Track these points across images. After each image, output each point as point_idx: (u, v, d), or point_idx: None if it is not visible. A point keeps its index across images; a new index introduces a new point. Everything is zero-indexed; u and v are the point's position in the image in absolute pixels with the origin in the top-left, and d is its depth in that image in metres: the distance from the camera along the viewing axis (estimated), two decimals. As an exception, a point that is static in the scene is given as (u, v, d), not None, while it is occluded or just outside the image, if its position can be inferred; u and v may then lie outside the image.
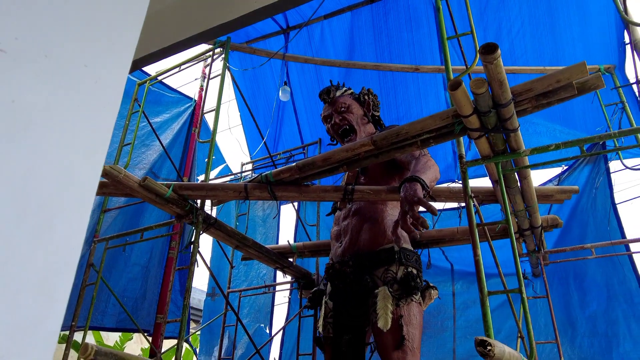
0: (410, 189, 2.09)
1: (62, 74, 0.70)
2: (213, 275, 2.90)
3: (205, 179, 2.94)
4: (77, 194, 0.68)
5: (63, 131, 0.68)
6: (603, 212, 3.64)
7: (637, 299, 3.54)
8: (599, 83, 1.68)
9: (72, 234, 0.65)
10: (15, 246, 0.58)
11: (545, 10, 3.73)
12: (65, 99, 0.69)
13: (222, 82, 3.24)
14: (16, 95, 0.63)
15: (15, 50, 0.64)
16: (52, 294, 0.61)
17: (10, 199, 0.58)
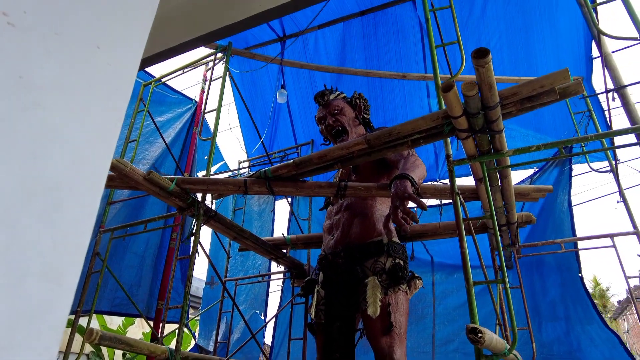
0: (400, 186, 2.07)
1: (74, 53, 0.62)
2: (212, 264, 2.82)
3: (206, 174, 2.85)
4: (88, 176, 0.60)
5: (73, 111, 0.60)
6: (560, 211, 3.70)
7: (578, 284, 3.66)
8: (579, 89, 1.65)
9: (82, 218, 0.57)
10: (22, 229, 0.50)
11: (521, 26, 3.72)
12: (76, 79, 0.61)
13: (224, 84, 3.15)
14: (24, 71, 0.55)
15: (25, 25, 0.56)
16: (61, 279, 0.53)
17: (18, 179, 0.51)
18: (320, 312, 2.46)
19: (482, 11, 3.77)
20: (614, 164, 3.14)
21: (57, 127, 0.57)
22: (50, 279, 0.52)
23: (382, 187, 2.39)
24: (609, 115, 3.01)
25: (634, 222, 3.01)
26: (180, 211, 2.63)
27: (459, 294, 4.23)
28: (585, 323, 3.56)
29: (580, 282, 3.57)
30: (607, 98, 2.68)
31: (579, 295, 3.59)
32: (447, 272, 4.37)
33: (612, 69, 2.72)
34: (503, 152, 1.93)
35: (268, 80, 4.88)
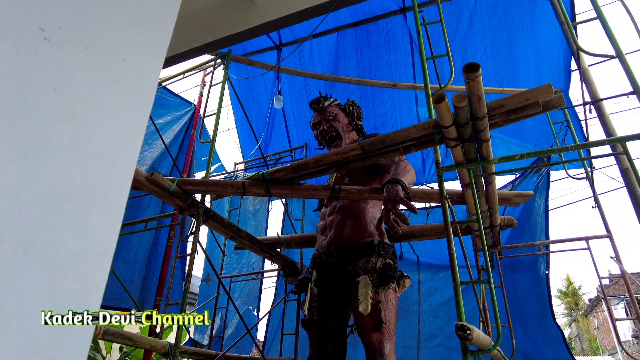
0: (392, 190, 2.10)
1: (102, 66, 0.63)
2: (210, 262, 2.81)
3: (205, 175, 2.85)
4: (115, 182, 0.61)
5: (102, 121, 0.61)
6: (537, 215, 3.78)
7: (541, 280, 3.74)
8: (561, 102, 1.69)
9: (109, 222, 0.59)
10: (58, 233, 0.51)
11: (505, 40, 3.79)
12: (104, 91, 0.63)
13: (222, 90, 3.15)
14: (59, 84, 0.56)
15: (59, 40, 0.57)
16: (92, 280, 0.55)
17: (53, 186, 0.52)
18: (314, 309, 2.47)
19: (469, 24, 3.83)
20: (589, 171, 3.22)
21: (88, 137, 0.58)
22: (83, 280, 0.54)
23: (374, 191, 2.41)
24: (586, 126, 3.09)
25: (607, 227, 3.08)
26: (180, 211, 2.62)
27: (443, 291, 4.28)
28: (541, 317, 3.68)
29: (545, 280, 3.67)
30: (584, 110, 2.75)
31: (542, 291, 3.69)
32: (432, 271, 4.42)
33: (589, 82, 2.79)
34: (489, 160, 1.96)
35: (264, 85, 4.88)
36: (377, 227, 2.43)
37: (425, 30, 2.56)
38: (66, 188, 0.56)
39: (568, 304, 31.43)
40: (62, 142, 0.56)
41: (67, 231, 0.55)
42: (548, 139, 3.81)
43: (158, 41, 0.77)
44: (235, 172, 5.20)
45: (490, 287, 1.75)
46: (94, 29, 0.66)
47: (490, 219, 2.82)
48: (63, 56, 0.60)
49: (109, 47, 0.68)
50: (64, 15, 0.61)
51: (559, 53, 3.68)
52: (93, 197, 0.58)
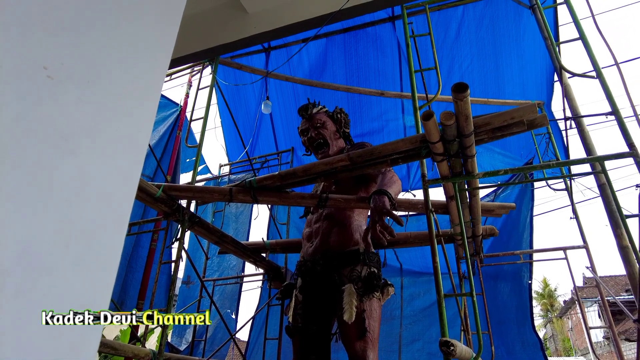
0: (379, 201, 2.12)
1: (102, 100, 0.64)
2: (194, 265, 2.79)
3: (192, 180, 2.83)
4: (114, 218, 0.61)
5: (101, 157, 0.61)
6: (523, 226, 3.86)
7: (523, 289, 3.84)
8: (544, 122, 1.75)
9: (109, 259, 0.59)
10: (61, 273, 0.51)
11: (491, 51, 3.87)
12: (103, 126, 0.63)
13: (210, 95, 3.13)
14: (61, 121, 0.56)
15: (62, 76, 0.58)
16: (89, 326, 0.55)
17: (56, 225, 0.52)
18: (298, 316, 2.47)
19: (456, 36, 3.89)
20: (569, 185, 3.32)
21: (88, 174, 0.58)
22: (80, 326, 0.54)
23: (361, 200, 2.44)
24: (567, 141, 3.19)
25: (584, 237, 3.18)
26: (165, 216, 2.60)
27: (425, 297, 4.34)
28: (520, 325, 3.77)
29: (527, 289, 3.76)
30: (566, 125, 2.84)
31: (523, 300, 3.78)
32: (415, 277, 4.48)
33: (570, 98, 2.88)
34: (474, 175, 2.01)
35: (251, 88, 4.87)
36: (364, 239, 2.46)
37: (414, 43, 2.60)
38: (68, 227, 0.56)
39: (544, 306, 32.17)
40: (64, 181, 0.57)
41: (69, 271, 0.55)
42: (530, 149, 3.91)
43: (156, 76, 0.78)
44: (220, 175, 5.17)
45: (472, 300, 1.80)
46: (95, 62, 0.66)
47: (473, 229, 2.88)
48: (65, 93, 0.60)
49: (110, 81, 0.69)
50: (67, 51, 0.61)
51: (542, 65, 3.78)
52: (94, 235, 0.59)
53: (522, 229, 3.84)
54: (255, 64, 4.54)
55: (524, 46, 3.78)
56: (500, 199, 4.04)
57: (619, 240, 2.49)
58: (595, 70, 1.97)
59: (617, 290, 21.35)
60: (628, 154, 1.76)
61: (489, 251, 3.89)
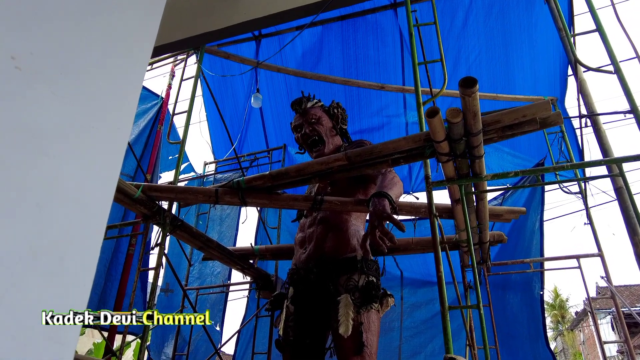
0: (379, 204, 2.10)
1: (77, 94, 0.62)
2: (175, 273, 2.78)
3: (174, 180, 2.81)
4: (88, 228, 0.60)
5: (76, 158, 0.60)
6: (532, 232, 3.88)
7: (535, 301, 3.84)
8: (559, 120, 1.76)
9: (82, 272, 0.58)
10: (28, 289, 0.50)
11: (501, 43, 3.88)
12: (78, 123, 0.61)
13: (195, 87, 3.11)
14: (31, 118, 0.55)
15: (31, 68, 0.56)
16: (63, 338, 0.54)
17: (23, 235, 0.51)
18: (289, 329, 2.46)
19: (463, 25, 3.91)
20: (584, 188, 3.34)
21: (60, 177, 0.57)
22: (53, 338, 0.53)
23: (359, 203, 2.43)
24: (581, 140, 3.22)
25: (598, 245, 3.21)
26: (144, 219, 2.58)
27: (427, 307, 4.35)
28: (533, 340, 3.77)
29: (539, 301, 3.76)
30: (580, 124, 2.86)
31: (535, 313, 3.79)
32: (416, 287, 4.49)
33: (585, 95, 2.90)
34: (482, 177, 2.02)
35: (240, 79, 4.85)
36: (363, 246, 2.44)
37: (418, 32, 2.60)
38: (37, 237, 0.55)
39: (555, 317, 32.42)
40: (33, 185, 0.55)
41: (38, 286, 0.54)
42: (542, 149, 3.93)
43: (136, 66, 0.77)
44: (205, 175, 5.15)
45: (479, 313, 1.80)
46: (70, 51, 0.65)
47: (480, 235, 2.90)
48: (36, 86, 0.59)
49: (85, 71, 0.68)
50: (37, 39, 0.60)
51: (556, 59, 3.80)
52: (65, 246, 0.58)
53: (530, 235, 3.86)
54: (245, 53, 4.52)
55: (536, 37, 3.80)
56: (508, 202, 4.06)
57: (636, 249, 2.51)
58: (612, 65, 1.98)
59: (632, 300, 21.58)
60: (648, 155, 1.77)
61: (496, 259, 3.91)
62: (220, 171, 5.25)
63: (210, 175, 5.18)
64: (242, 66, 4.52)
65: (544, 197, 3.85)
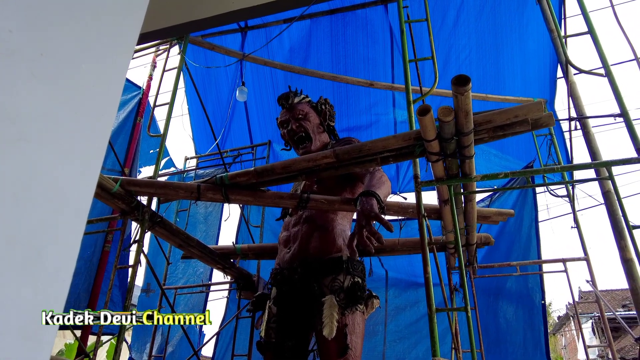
0: (367, 204, 2.09)
1: (59, 75, 0.60)
2: (153, 271, 2.73)
3: (154, 174, 2.77)
4: (69, 218, 0.58)
5: (58, 143, 0.58)
6: (527, 233, 3.91)
7: (536, 309, 3.87)
8: (550, 121, 1.78)
9: (62, 266, 0.56)
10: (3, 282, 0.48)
11: (492, 43, 3.93)
12: (61, 106, 0.59)
13: (178, 78, 3.07)
14: (9, 101, 0.52)
15: (10, 47, 0.54)
16: (40, 336, 0.52)
17: None
18: (271, 330, 2.45)
19: (454, 24, 3.94)
20: (571, 192, 3.41)
21: (41, 164, 0.55)
22: (29, 336, 0.51)
23: (346, 202, 2.43)
24: (570, 144, 3.28)
25: (585, 249, 3.27)
26: (122, 215, 2.53)
27: (412, 310, 4.38)
28: (527, 348, 3.80)
29: (541, 310, 3.77)
30: (570, 126, 2.91)
31: (535, 322, 3.80)
32: (401, 288, 4.51)
33: (575, 97, 2.95)
34: (471, 177, 2.03)
35: (224, 72, 4.81)
36: (350, 246, 2.44)
37: (409, 29, 2.61)
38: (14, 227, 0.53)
39: (537, 322, 32.99)
40: (10, 171, 0.53)
41: (14, 280, 0.52)
42: (529, 151, 3.99)
43: (123, 44, 0.74)
44: (185, 170, 5.09)
45: (467, 315, 1.82)
46: (51, 29, 0.63)
47: (467, 237, 2.93)
48: (14, 67, 0.57)
49: (67, 52, 0.65)
50: (16, 17, 0.58)
51: (546, 60, 3.87)
52: (44, 237, 0.56)
53: (526, 239, 3.88)
54: (230, 45, 4.48)
55: (527, 38, 3.85)
56: (496, 204, 4.11)
57: (622, 252, 2.57)
58: (604, 67, 2.02)
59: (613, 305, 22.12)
60: (636, 159, 1.81)
61: (483, 262, 3.95)
62: (201, 167, 5.20)
63: (191, 171, 5.13)
64: (227, 58, 4.48)
65: (537, 200, 3.90)
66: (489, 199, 4.14)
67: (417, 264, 4.41)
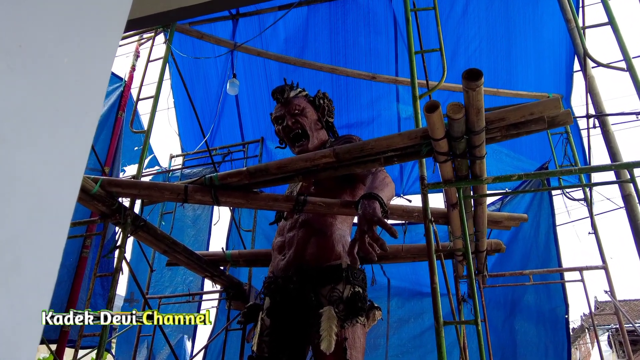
0: (369, 207, 2.08)
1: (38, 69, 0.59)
2: (135, 278, 2.72)
3: (137, 174, 2.76)
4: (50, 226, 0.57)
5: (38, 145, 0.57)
6: (545, 240, 3.89)
7: (560, 324, 3.85)
8: (568, 120, 1.78)
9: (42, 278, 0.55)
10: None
11: (503, 33, 3.94)
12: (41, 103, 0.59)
13: (163, 69, 3.06)
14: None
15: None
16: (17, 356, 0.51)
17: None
18: (264, 344, 2.44)
19: (463, 12, 3.95)
20: (589, 196, 3.41)
21: (19, 165, 0.54)
22: (3, 357, 0.50)
23: (346, 205, 2.42)
24: (588, 143, 3.29)
25: (603, 257, 3.28)
26: (103, 218, 2.52)
27: (416, 323, 4.38)
28: None
29: (565, 324, 3.74)
30: (588, 124, 2.92)
31: (559, 338, 3.77)
32: (405, 298, 4.51)
33: (594, 93, 2.96)
34: (482, 179, 2.03)
35: (214, 63, 4.80)
36: (350, 253, 2.43)
37: (416, 18, 2.61)
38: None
39: (550, 334, 33.11)
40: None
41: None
42: (544, 151, 4.00)
43: (109, 35, 0.74)
44: (171, 169, 5.07)
45: (477, 329, 1.82)
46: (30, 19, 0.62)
47: (477, 244, 2.93)
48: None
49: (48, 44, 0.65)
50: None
51: (562, 54, 3.88)
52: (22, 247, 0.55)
53: (543, 246, 3.86)
54: (220, 33, 4.47)
55: (542, 29, 3.86)
56: (507, 208, 4.11)
57: (643, 261, 2.57)
58: (625, 61, 2.02)
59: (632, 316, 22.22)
60: (661, 161, 1.81)
61: (493, 270, 3.95)
62: (188, 165, 5.19)
63: (177, 170, 5.11)
64: (217, 48, 4.47)
65: (553, 203, 3.87)
66: (499, 202, 4.14)
67: (421, 272, 4.41)
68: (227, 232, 4.71)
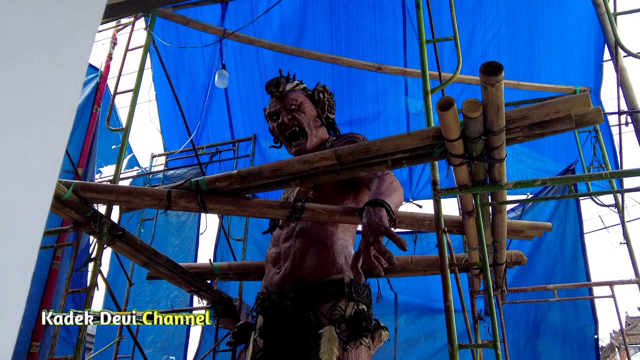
0: (375, 216, 2.07)
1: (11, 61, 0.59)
2: (112, 294, 2.72)
3: (115, 177, 2.76)
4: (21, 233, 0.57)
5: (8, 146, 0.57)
6: (572, 251, 3.88)
7: (589, 346, 3.84)
8: (598, 118, 1.78)
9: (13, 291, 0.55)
10: None
11: (525, 20, 3.94)
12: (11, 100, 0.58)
13: (144, 58, 3.05)
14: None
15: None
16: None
17: None
18: (256, 369, 2.45)
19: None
20: (621, 202, 3.41)
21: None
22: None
23: (349, 212, 2.42)
24: (620, 142, 3.28)
25: (636, 269, 3.28)
26: (76, 227, 2.52)
27: (427, 343, 4.37)
28: None
29: (595, 347, 3.72)
30: (619, 122, 2.91)
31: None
32: (414, 315, 4.51)
33: (626, 86, 2.95)
34: (502, 185, 2.03)
35: (201, 52, 4.80)
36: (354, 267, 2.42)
37: (427, 2, 2.62)
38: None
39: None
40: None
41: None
42: (569, 151, 4.00)
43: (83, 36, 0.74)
44: (152, 171, 5.07)
45: (496, 353, 1.81)
46: None
47: (495, 255, 2.93)
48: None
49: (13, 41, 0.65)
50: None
51: (590, 43, 3.88)
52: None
53: (570, 258, 3.84)
54: (207, 19, 4.47)
55: (568, 15, 3.86)
56: (529, 215, 4.10)
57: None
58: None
59: (666, 335, 22.23)
60: (701, 164, 1.81)
61: (513, 285, 3.95)
62: (171, 167, 5.19)
63: (159, 172, 5.11)
64: (204, 35, 4.47)
65: (580, 209, 3.85)
66: (520, 209, 4.13)
67: (433, 286, 4.40)
68: (215, 242, 4.71)
